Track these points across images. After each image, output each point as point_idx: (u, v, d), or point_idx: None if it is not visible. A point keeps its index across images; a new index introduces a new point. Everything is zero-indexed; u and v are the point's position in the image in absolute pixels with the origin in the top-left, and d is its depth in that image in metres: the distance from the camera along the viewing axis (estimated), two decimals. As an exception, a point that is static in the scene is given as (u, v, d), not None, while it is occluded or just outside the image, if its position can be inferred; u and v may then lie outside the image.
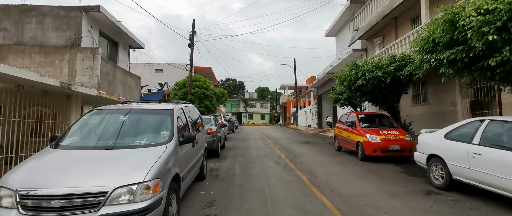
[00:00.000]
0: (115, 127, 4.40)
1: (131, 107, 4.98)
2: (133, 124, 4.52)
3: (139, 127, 4.51)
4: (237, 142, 16.35)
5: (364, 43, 18.64)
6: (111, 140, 4.09)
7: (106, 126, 4.46)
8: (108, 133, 4.28)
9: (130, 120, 4.58)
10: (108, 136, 4.20)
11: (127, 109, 4.84)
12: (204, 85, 17.65)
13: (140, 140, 4.12)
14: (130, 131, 4.35)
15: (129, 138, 4.20)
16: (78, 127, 4.47)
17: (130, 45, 12.83)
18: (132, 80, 11.66)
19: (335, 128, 11.98)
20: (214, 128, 10.29)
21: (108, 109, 4.89)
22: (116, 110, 4.81)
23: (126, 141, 4.12)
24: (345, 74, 11.08)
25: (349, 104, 14.29)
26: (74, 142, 4.07)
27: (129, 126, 4.46)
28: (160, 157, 3.63)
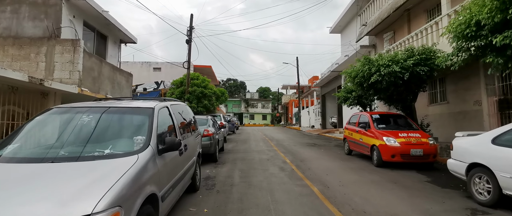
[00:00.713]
0: (74, 131, 3.36)
1: (101, 105, 3.94)
2: (100, 127, 3.47)
3: (107, 131, 3.46)
4: (238, 144, 15.30)
5: (372, 39, 17.56)
6: (65, 149, 3.05)
7: (63, 129, 3.42)
8: (63, 140, 3.23)
9: (97, 122, 3.53)
10: (62, 144, 3.16)
11: (95, 107, 3.80)
12: (202, 83, 16.62)
13: (104, 149, 3.07)
14: (93, 137, 3.29)
15: (90, 146, 3.15)
16: (27, 131, 3.44)
17: (122, 40, 11.82)
18: (123, 77, 10.64)
19: (345, 129, 10.91)
20: (211, 130, 9.24)
21: (71, 108, 3.84)
22: (80, 109, 3.77)
23: (86, 150, 3.07)
24: (357, 70, 10.01)
25: (359, 103, 13.21)
26: (10, 153, 3.02)
27: (93, 129, 3.42)
28: (125, 173, 2.59)
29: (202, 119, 9.93)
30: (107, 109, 3.75)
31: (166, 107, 4.43)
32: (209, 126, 9.56)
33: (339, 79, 23.84)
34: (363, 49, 17.40)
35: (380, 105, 14.84)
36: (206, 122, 9.71)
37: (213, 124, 10.42)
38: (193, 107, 15.69)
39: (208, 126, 9.42)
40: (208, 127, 9.32)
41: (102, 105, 3.90)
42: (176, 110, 5.02)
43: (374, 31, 15.76)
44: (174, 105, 4.97)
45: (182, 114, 5.32)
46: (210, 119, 10.10)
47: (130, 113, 3.76)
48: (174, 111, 4.69)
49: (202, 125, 9.45)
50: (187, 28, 16.52)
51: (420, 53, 8.83)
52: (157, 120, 3.69)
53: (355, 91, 11.54)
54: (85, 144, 3.16)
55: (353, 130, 10.01)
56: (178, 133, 4.44)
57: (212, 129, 9.36)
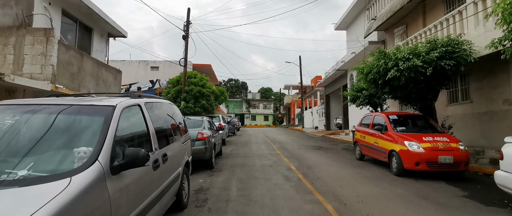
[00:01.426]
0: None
1: (41, 102, 2.88)
2: (25, 134, 2.40)
3: (34, 139, 2.38)
4: (238, 147, 14.21)
5: (381, 35, 16.44)
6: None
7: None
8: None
9: (25, 126, 2.47)
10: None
11: (30, 105, 2.73)
12: (200, 82, 15.56)
13: (19, 169, 2.00)
14: (10, 149, 2.22)
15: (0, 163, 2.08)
16: None
17: (110, 33, 10.77)
18: (110, 74, 9.59)
19: (356, 132, 9.80)
20: (207, 132, 8.17)
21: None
22: (6, 107, 2.70)
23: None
24: (370, 66, 8.90)
25: (369, 103, 12.09)
26: None
27: (16, 136, 2.35)
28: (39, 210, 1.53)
29: (196, 121, 8.87)
30: (45, 107, 2.67)
31: (138, 105, 3.35)
32: (204, 128, 8.49)
33: (345, 78, 22.75)
34: (371, 45, 16.28)
35: (392, 105, 13.72)
36: (200, 123, 8.63)
37: (209, 126, 9.35)
38: (189, 107, 14.65)
39: (202, 129, 8.34)
40: (203, 130, 8.24)
41: (42, 102, 2.83)
42: (155, 110, 3.94)
43: (384, 25, 14.64)
44: (151, 103, 3.89)
45: (163, 115, 4.25)
46: (205, 121, 9.02)
47: (78, 114, 2.68)
48: (150, 111, 3.61)
49: (196, 127, 8.39)
50: (184, 23, 15.49)
51: (445, 45, 7.72)
52: (117, 123, 2.62)
53: (367, 89, 10.42)
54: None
55: (366, 133, 8.91)
56: (153, 140, 3.37)
57: (207, 132, 8.28)
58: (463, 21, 9.12)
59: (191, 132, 7.85)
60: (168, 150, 3.82)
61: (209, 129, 8.97)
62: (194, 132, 7.80)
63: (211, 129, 9.44)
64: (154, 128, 3.50)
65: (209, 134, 8.40)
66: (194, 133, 7.78)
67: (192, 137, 7.70)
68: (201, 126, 8.46)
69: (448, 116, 10.41)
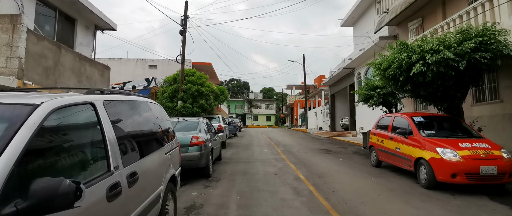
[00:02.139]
0: None
1: None
2: None
3: None
4: (239, 150, 13.15)
5: (393, 30, 15.33)
6: None
7: None
8: None
9: None
10: None
11: None
12: (199, 80, 14.51)
13: None
14: None
15: None
16: None
17: (97, 26, 9.74)
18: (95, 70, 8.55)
19: (371, 135, 8.71)
20: (203, 136, 7.11)
21: None
22: None
23: None
24: (389, 60, 7.81)
25: (383, 103, 10.98)
26: None
27: None
28: None
29: (191, 123, 7.80)
30: None
31: (89, 104, 2.29)
32: (200, 131, 7.42)
33: (352, 76, 21.64)
34: (382, 41, 15.17)
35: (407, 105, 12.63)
36: (196, 126, 7.56)
37: (207, 128, 8.29)
38: (187, 107, 13.62)
39: (198, 132, 7.28)
40: (198, 133, 7.18)
41: None
42: (123, 111, 2.90)
43: (397, 19, 13.54)
44: (117, 102, 2.84)
45: (137, 118, 3.19)
46: (202, 122, 7.95)
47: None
48: (112, 113, 2.55)
49: (190, 130, 7.33)
50: (181, 17, 14.47)
51: (480, 35, 6.61)
52: (32, 133, 1.56)
53: (385, 87, 9.30)
54: None
55: (384, 137, 7.82)
56: (112, 155, 2.30)
57: (203, 136, 7.22)
58: (494, 10, 8.03)
59: (184, 137, 6.81)
60: (140, 166, 2.77)
61: (206, 132, 7.92)
62: (187, 137, 6.76)
63: (208, 132, 8.39)
64: (116, 137, 2.44)
65: (206, 138, 7.35)
66: (188, 137, 6.73)
67: (185, 142, 6.66)
68: (196, 128, 7.40)
69: (472, 117, 9.29)
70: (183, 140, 6.70)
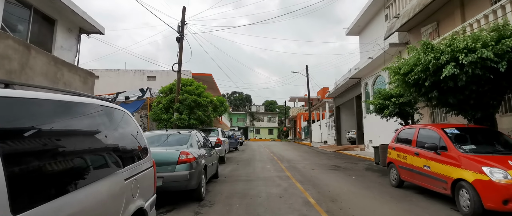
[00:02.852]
0: None
1: None
2: None
3: None
4: (239, 166, 11.98)
5: (404, 37, 14.37)
6: None
7: None
8: None
9: None
10: None
11: None
12: (196, 90, 13.51)
13: None
14: None
15: None
16: None
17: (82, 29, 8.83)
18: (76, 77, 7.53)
19: (390, 150, 7.55)
20: (194, 152, 6.01)
21: None
22: None
23: None
24: (410, 63, 6.75)
25: (399, 114, 9.85)
26: None
27: None
28: None
29: (181, 136, 6.69)
30: None
31: None
32: (191, 145, 6.31)
33: (359, 87, 20.60)
34: (392, 48, 14.21)
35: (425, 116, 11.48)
36: (186, 139, 6.45)
37: (200, 142, 7.19)
38: (183, 119, 12.57)
39: (189, 147, 6.17)
40: (188, 148, 6.07)
41: None
42: (40, 117, 1.84)
43: (409, 24, 12.59)
44: (29, 103, 1.78)
45: (70, 129, 2.12)
46: (194, 135, 6.84)
47: None
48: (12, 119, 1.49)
49: (180, 144, 6.23)
50: (178, 23, 13.63)
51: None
52: None
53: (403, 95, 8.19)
54: None
55: (407, 152, 6.67)
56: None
57: (195, 152, 6.12)
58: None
59: (170, 153, 5.72)
60: (65, 207, 1.68)
61: (200, 147, 6.82)
62: (175, 152, 5.66)
63: (204, 147, 7.29)
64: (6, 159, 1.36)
65: (198, 154, 6.24)
66: (175, 153, 5.63)
67: (172, 159, 5.56)
68: (187, 142, 6.29)
69: (502, 129, 8.11)
70: (169, 156, 5.60)
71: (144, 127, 13.99)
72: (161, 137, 6.52)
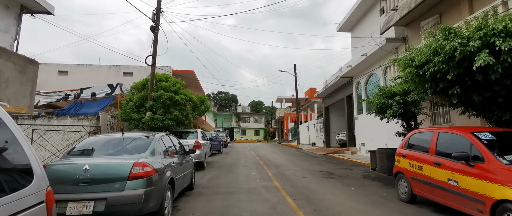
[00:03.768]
0: None
1: None
2: None
3: None
4: (220, 173, 10.54)
5: (401, 31, 13.32)
6: None
7: None
8: None
9: None
10: None
11: None
12: (173, 87, 11.96)
13: None
14: None
15: None
16: None
17: (25, 6, 7.15)
18: (9, 64, 5.87)
19: (399, 158, 6.31)
20: (154, 164, 4.53)
21: None
22: None
23: None
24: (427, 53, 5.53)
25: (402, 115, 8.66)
26: None
27: None
28: None
29: (139, 141, 5.16)
30: None
31: None
32: (151, 154, 4.81)
33: (350, 86, 19.54)
34: (389, 43, 13.13)
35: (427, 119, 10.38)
36: (146, 146, 4.93)
37: (168, 148, 5.71)
38: (157, 119, 11.01)
39: (147, 156, 4.67)
40: (146, 158, 4.57)
41: None
42: None
43: (409, 16, 11.52)
44: None
45: None
46: (158, 140, 5.34)
47: None
48: None
49: (136, 152, 4.73)
50: (153, 10, 12.06)
51: None
52: None
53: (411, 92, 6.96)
54: None
55: (424, 161, 5.43)
56: None
57: (156, 162, 4.64)
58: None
59: (119, 165, 4.23)
60: None
61: (166, 155, 5.35)
62: (125, 164, 4.18)
63: (172, 154, 5.83)
64: None
65: (162, 165, 4.78)
66: (125, 166, 4.16)
67: (121, 173, 4.08)
68: (145, 149, 4.79)
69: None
70: (117, 170, 4.14)
71: (114, 128, 12.31)
72: (112, 143, 5.01)
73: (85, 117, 10.91)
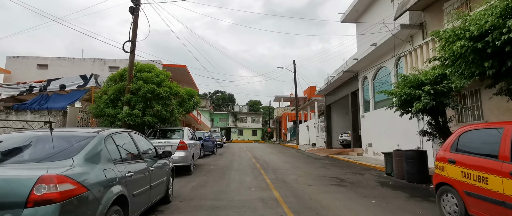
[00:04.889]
0: None
1: None
2: None
3: None
4: (209, 179, 8.87)
5: (417, 17, 11.70)
6: None
7: None
8: None
9: None
10: None
11: None
12: (155, 78, 10.28)
13: None
14: None
15: None
16: None
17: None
18: None
19: (444, 164, 4.66)
20: (87, 176, 2.85)
21: None
22: None
23: None
24: (494, 12, 3.88)
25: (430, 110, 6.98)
26: None
27: None
28: None
29: (73, 140, 3.43)
30: None
31: None
32: (87, 161, 3.09)
33: (355, 82, 17.93)
34: (404, 30, 11.51)
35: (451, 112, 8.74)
36: (80, 147, 3.23)
37: (130, 153, 4.04)
38: (135, 115, 9.33)
39: (75, 164, 2.95)
40: (73, 167, 2.87)
41: None
42: None
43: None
44: None
45: None
46: (103, 140, 3.61)
47: None
48: None
49: (60, 158, 3.03)
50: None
51: None
52: None
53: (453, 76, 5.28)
54: None
55: (491, 170, 3.79)
56: None
57: (92, 174, 2.96)
58: None
59: (13, 181, 2.55)
60: None
61: (118, 162, 3.67)
62: (23, 181, 2.48)
63: (130, 160, 4.16)
64: None
65: (105, 178, 3.11)
66: (25, 179, 2.46)
67: (13, 196, 2.39)
68: (75, 154, 3.09)
69: None
70: (9, 190, 2.44)
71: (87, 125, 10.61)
72: (30, 143, 3.31)
73: (49, 112, 9.21)
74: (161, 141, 9.23)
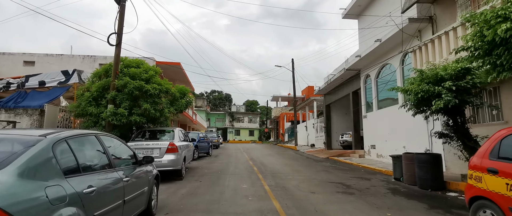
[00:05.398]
0: None
1: None
2: None
3: None
4: (201, 185, 8.03)
5: (426, 10, 10.93)
6: None
7: None
8: None
9: None
10: None
11: None
12: (144, 74, 9.41)
13: None
14: None
15: None
16: None
17: None
18: None
19: (483, 174, 3.87)
20: (18, 198, 1.98)
21: None
22: None
23: None
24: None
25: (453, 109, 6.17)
26: None
27: None
28: None
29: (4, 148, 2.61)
30: None
31: None
32: (20, 176, 2.26)
33: (356, 81, 17.16)
34: (412, 24, 10.74)
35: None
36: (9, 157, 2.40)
37: (92, 160, 3.20)
38: (121, 114, 8.47)
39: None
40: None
41: None
42: None
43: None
44: None
45: None
46: (49, 148, 2.75)
47: None
48: None
49: None
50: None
51: None
52: None
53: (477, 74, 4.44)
54: None
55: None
56: None
57: (23, 194, 2.10)
58: None
59: None
60: None
61: (71, 174, 2.83)
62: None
63: (99, 170, 3.33)
64: None
65: (40, 202, 2.24)
66: None
67: None
68: (6, 165, 2.25)
69: None
70: None
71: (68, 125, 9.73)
72: None
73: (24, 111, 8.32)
74: (148, 143, 8.37)
